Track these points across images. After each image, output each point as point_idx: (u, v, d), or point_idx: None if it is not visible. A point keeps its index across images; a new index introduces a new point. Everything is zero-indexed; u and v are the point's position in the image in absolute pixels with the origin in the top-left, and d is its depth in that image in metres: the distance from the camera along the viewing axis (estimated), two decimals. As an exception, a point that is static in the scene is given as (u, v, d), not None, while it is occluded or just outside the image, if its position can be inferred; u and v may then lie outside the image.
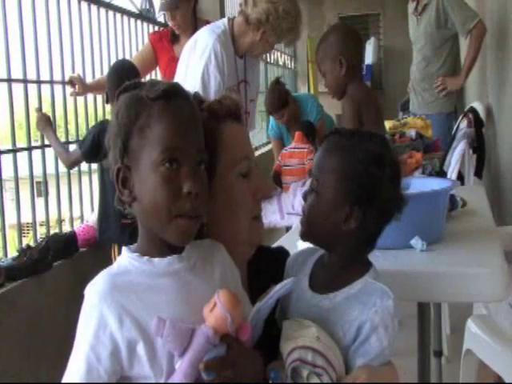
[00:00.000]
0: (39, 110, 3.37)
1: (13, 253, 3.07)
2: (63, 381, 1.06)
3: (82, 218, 3.88)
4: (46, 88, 3.47)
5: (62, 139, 3.55)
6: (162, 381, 1.04)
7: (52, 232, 3.43)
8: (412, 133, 4.18)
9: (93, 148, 3.17)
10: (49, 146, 3.43)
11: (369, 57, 9.31)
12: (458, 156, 3.78)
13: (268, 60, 8.49)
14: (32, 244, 3.14)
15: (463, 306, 3.19)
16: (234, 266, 1.23)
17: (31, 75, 3.32)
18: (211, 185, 1.18)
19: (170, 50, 3.73)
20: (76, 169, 3.64)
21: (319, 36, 2.48)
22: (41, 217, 3.47)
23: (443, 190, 1.86)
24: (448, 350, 3.46)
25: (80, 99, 3.79)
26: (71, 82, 3.55)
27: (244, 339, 1.09)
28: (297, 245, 1.72)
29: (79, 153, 3.30)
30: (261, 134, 8.45)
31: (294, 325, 1.21)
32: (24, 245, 3.04)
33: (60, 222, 3.62)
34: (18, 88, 3.21)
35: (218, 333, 1.05)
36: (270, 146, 7.66)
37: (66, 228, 3.70)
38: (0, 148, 3.14)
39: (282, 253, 1.48)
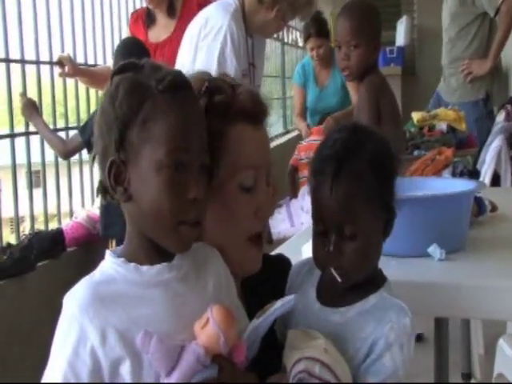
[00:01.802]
0: (24, 94, 3.41)
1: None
2: None
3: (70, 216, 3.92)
4: (31, 69, 3.51)
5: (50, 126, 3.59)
6: None
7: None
8: (443, 126, 4.19)
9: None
10: (34, 133, 3.47)
11: (400, 38, 9.27)
12: (493, 153, 3.78)
13: (285, 40, 8.49)
14: (14, 242, 3.18)
15: (498, 323, 3.17)
16: (230, 274, 1.25)
17: (14, 54, 3.35)
18: (208, 190, 1.17)
19: (144, 35, 3.68)
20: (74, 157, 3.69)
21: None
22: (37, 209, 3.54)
23: (464, 192, 1.88)
24: (480, 372, 3.46)
25: (70, 82, 3.82)
26: (60, 63, 3.57)
27: (238, 361, 1.10)
28: (301, 251, 1.75)
29: (80, 141, 3.31)
30: (279, 123, 8.49)
31: (300, 335, 1.22)
32: (4, 242, 3.07)
33: (59, 215, 3.69)
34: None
35: (209, 352, 1.06)
36: (287, 137, 7.74)
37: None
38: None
39: (282, 261, 1.51)
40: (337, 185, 1.23)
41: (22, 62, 3.41)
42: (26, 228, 3.61)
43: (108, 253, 1.15)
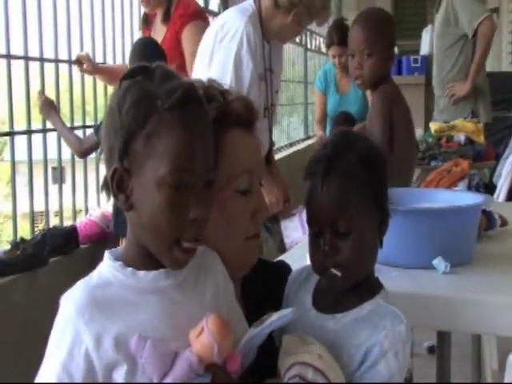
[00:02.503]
0: (42, 93, 3.44)
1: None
2: None
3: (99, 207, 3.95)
4: (49, 67, 3.53)
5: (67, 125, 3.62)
6: None
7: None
8: (461, 137, 4.19)
9: None
10: (51, 130, 3.50)
11: (425, 47, 9.21)
12: (509, 167, 3.76)
13: (308, 46, 8.49)
14: (28, 237, 3.21)
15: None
16: (229, 279, 1.26)
17: (33, 52, 3.37)
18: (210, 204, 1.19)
19: None
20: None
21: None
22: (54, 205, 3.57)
23: (471, 206, 1.87)
24: (493, 387, 3.44)
25: (88, 80, 3.85)
26: (79, 62, 3.61)
27: (232, 370, 1.11)
28: (307, 257, 1.75)
29: (95, 140, 3.34)
30: (300, 127, 8.50)
31: (294, 340, 1.23)
32: (18, 238, 3.10)
33: (75, 211, 3.75)
34: (17, 65, 3.27)
35: (202, 361, 1.06)
36: (307, 143, 7.75)
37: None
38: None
39: (283, 267, 1.52)
40: (328, 182, 1.27)
41: (41, 60, 3.43)
42: (51, 223, 3.63)
43: (107, 254, 1.15)
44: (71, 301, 1.08)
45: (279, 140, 7.37)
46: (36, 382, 1.09)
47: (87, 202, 3.93)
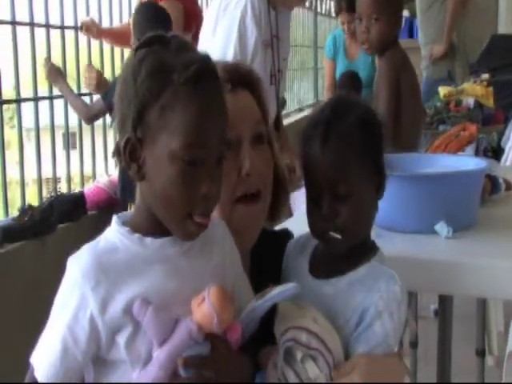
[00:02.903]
0: (49, 59, 3.43)
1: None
2: (36, 355, 1.13)
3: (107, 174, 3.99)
4: (55, 34, 3.53)
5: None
6: (139, 367, 1.09)
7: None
8: (470, 101, 4.15)
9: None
10: (58, 96, 3.50)
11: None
12: (517, 130, 3.72)
13: (318, 10, 8.42)
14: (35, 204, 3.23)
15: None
16: (236, 249, 1.26)
17: (39, 19, 3.38)
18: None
19: None
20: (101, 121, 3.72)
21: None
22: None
23: (474, 170, 1.86)
24: (498, 349, 3.45)
25: (94, 46, 3.84)
26: (85, 27, 3.60)
27: (232, 340, 1.13)
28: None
29: (102, 106, 3.34)
30: (310, 92, 8.46)
31: (289, 306, 1.24)
32: (26, 204, 3.13)
33: (82, 177, 3.77)
34: (23, 32, 3.27)
35: (202, 330, 1.08)
36: (302, 114, 7.71)
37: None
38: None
39: (286, 235, 1.52)
40: (327, 145, 1.26)
41: (47, 26, 3.43)
42: (62, 188, 3.64)
43: (114, 219, 1.16)
44: (78, 265, 1.09)
45: (290, 105, 7.35)
46: (41, 340, 1.12)
47: (95, 168, 3.94)
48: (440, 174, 1.86)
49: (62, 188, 3.55)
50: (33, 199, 3.48)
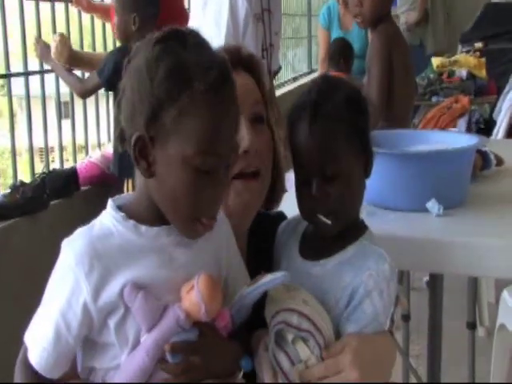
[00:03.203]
0: (39, 38, 3.41)
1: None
2: (29, 335, 1.14)
3: (99, 145, 3.99)
4: (45, 6, 3.49)
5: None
6: (127, 350, 1.10)
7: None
8: (463, 72, 4.14)
9: (115, 75, 3.17)
10: (49, 71, 3.48)
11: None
12: (509, 103, 3.71)
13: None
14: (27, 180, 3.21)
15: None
16: (231, 230, 1.26)
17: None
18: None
19: None
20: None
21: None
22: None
23: (464, 148, 1.86)
24: (489, 320, 3.48)
25: (85, 19, 3.80)
26: (75, 1, 3.57)
27: (220, 326, 1.14)
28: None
29: (98, 81, 3.30)
30: (304, 61, 8.42)
31: (279, 288, 1.24)
32: (18, 181, 3.11)
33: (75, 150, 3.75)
34: (12, 5, 3.25)
35: (190, 317, 1.09)
36: (311, 77, 7.68)
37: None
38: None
39: (281, 217, 1.52)
40: (314, 127, 1.27)
41: (37, -1, 3.39)
42: (55, 158, 3.68)
43: (110, 203, 1.15)
44: (72, 249, 1.09)
45: (284, 74, 7.33)
46: (34, 320, 1.13)
47: (87, 138, 3.93)
48: (431, 152, 1.87)
49: (55, 158, 3.53)
50: (26, 169, 3.47)
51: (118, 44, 3.56)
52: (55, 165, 3.68)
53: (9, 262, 2.89)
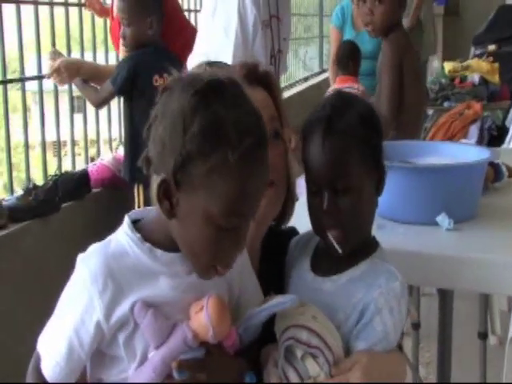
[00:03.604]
0: (54, 47, 3.41)
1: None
2: (42, 345, 1.16)
3: (110, 140, 4.01)
4: (59, 11, 3.51)
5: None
6: (134, 364, 1.12)
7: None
8: (475, 77, 4.13)
9: (128, 82, 3.18)
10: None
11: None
12: (523, 109, 3.70)
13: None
14: (40, 183, 3.23)
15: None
16: (246, 251, 1.24)
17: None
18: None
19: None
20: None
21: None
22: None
23: (476, 162, 1.86)
24: (501, 329, 3.46)
25: (98, 23, 3.81)
26: (88, 4, 3.58)
27: (227, 345, 1.15)
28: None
29: (112, 89, 3.29)
30: (316, 60, 8.41)
31: None
32: (30, 184, 3.13)
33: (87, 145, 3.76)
34: (27, 10, 3.27)
35: (197, 338, 1.11)
36: (322, 77, 7.67)
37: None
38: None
39: (293, 233, 1.52)
40: (328, 141, 1.28)
41: (51, 4, 3.41)
42: (67, 152, 3.69)
43: (126, 221, 1.16)
44: (87, 267, 1.10)
45: (295, 73, 7.33)
46: (48, 329, 1.15)
47: (99, 132, 3.96)
48: (442, 166, 1.86)
49: (68, 152, 3.55)
50: (39, 163, 3.50)
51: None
52: (68, 159, 3.70)
53: (21, 264, 2.91)
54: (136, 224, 1.17)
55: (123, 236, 1.14)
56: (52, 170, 3.41)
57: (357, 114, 1.31)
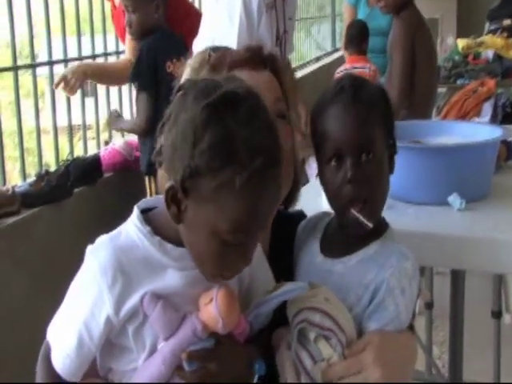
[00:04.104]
0: (117, 110, 3.49)
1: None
2: (52, 335, 1.16)
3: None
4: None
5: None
6: (144, 355, 1.12)
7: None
8: (489, 53, 4.07)
9: (149, 72, 3.14)
10: (72, 59, 3.52)
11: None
12: (538, 85, 3.66)
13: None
14: (52, 168, 3.25)
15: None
16: None
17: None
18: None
19: None
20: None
21: None
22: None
23: (488, 141, 1.84)
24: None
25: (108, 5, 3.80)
26: None
27: (236, 333, 1.15)
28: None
29: (144, 95, 3.20)
30: (328, 40, 8.36)
31: None
32: (43, 169, 3.14)
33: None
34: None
35: (207, 329, 1.10)
36: (335, 56, 7.63)
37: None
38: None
39: (302, 217, 1.51)
40: (355, 107, 1.26)
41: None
42: (81, 136, 3.73)
43: (136, 212, 1.14)
44: (97, 259, 1.10)
45: (308, 53, 7.29)
46: (57, 319, 1.15)
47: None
48: (453, 146, 1.84)
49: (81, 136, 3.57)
50: (51, 148, 3.53)
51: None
52: (80, 143, 3.72)
53: (34, 249, 2.94)
54: (146, 214, 1.16)
55: (133, 228, 1.13)
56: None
57: (376, 87, 1.32)
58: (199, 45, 2.69)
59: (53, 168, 3.29)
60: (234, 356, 1.15)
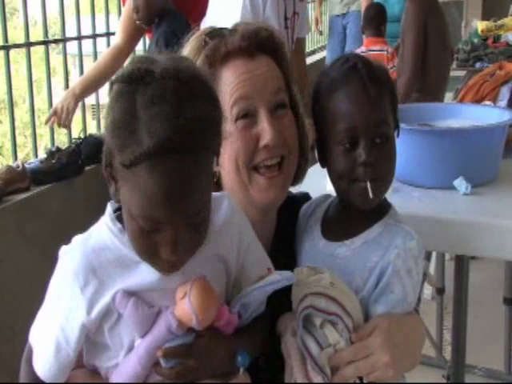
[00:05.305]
0: None
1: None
2: (33, 338, 1.15)
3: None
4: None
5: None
6: (123, 352, 1.10)
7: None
8: (509, 36, 4.01)
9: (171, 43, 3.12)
10: (100, 35, 3.62)
11: None
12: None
13: None
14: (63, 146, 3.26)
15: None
16: (244, 221, 1.20)
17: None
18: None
19: None
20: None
21: None
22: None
23: (495, 125, 1.81)
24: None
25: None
26: None
27: (219, 325, 1.11)
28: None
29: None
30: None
31: (305, 271, 1.21)
32: (54, 147, 3.16)
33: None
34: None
35: (182, 325, 1.06)
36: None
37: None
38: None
39: (307, 200, 1.49)
40: (372, 87, 1.24)
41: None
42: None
43: (108, 210, 1.12)
44: (68, 262, 1.09)
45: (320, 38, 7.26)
46: (37, 324, 1.14)
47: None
48: (459, 129, 1.82)
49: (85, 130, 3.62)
50: (79, 126, 3.60)
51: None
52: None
53: (45, 225, 2.98)
54: (120, 211, 1.10)
55: (104, 227, 1.11)
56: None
57: (382, 66, 1.30)
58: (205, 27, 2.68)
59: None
60: (213, 350, 1.11)
